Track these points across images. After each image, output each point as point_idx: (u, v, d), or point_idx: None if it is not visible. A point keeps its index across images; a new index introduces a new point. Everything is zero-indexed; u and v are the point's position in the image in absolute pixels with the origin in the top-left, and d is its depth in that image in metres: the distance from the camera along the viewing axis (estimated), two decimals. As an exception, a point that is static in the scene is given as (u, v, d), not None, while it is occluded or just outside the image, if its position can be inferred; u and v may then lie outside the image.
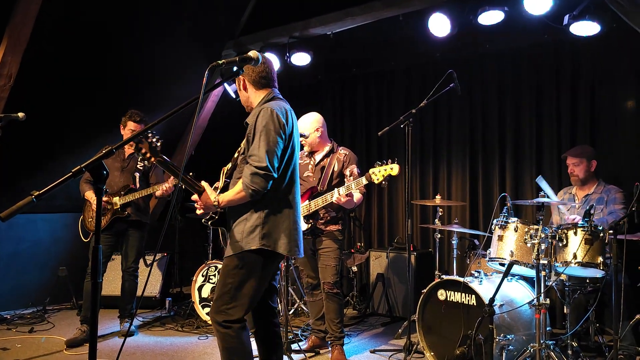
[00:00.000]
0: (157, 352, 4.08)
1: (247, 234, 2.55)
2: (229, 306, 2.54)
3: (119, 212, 4.37)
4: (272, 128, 2.51)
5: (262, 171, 2.47)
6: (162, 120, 1.88)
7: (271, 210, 2.57)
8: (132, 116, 4.37)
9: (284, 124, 2.56)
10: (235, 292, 2.55)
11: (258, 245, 2.53)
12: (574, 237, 3.32)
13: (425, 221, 5.62)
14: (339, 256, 3.89)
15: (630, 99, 4.56)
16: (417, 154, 5.72)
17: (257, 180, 2.47)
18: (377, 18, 4.80)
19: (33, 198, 1.51)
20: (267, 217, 2.56)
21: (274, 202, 2.59)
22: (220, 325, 2.56)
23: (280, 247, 2.57)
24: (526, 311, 3.53)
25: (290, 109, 2.69)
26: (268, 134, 2.50)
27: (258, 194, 2.50)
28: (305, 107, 4.30)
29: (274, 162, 2.50)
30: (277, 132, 2.52)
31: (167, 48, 5.33)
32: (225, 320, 2.54)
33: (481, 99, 5.34)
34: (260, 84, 2.70)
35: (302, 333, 4.48)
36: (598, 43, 4.52)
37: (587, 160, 4.10)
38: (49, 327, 4.73)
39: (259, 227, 2.55)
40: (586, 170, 4.10)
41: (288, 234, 2.59)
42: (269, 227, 2.56)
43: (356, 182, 3.62)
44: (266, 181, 2.49)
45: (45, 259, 5.59)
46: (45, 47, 4.51)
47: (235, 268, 2.57)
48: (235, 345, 2.55)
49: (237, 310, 2.54)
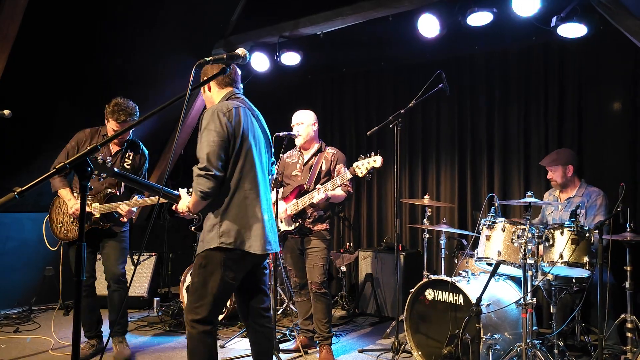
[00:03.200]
0: (144, 352, 4.05)
1: (207, 232, 2.59)
2: (196, 305, 2.57)
3: (98, 222, 3.79)
4: (213, 128, 2.52)
5: (204, 172, 2.49)
6: (146, 118, 1.88)
7: (228, 208, 2.57)
8: (115, 114, 3.72)
9: (227, 122, 2.54)
10: (201, 291, 2.57)
11: (217, 244, 2.54)
12: (561, 237, 3.34)
13: (414, 221, 5.64)
14: (327, 256, 3.89)
15: (617, 101, 4.60)
16: (406, 154, 5.74)
17: (201, 182, 2.49)
18: (366, 18, 4.81)
19: (15, 194, 1.49)
20: (224, 215, 2.57)
21: (230, 200, 2.58)
22: (189, 325, 2.59)
23: (240, 244, 2.56)
24: (513, 311, 3.55)
25: (241, 106, 2.66)
26: (209, 135, 2.51)
27: (207, 195, 2.52)
28: (295, 106, 4.29)
29: (216, 162, 2.50)
30: (218, 131, 2.52)
31: (156, 47, 5.30)
32: (192, 319, 2.57)
33: (470, 99, 5.37)
34: (223, 82, 2.72)
35: (291, 333, 4.48)
36: (585, 45, 4.56)
37: (563, 166, 4.13)
38: (35, 327, 4.68)
39: (216, 225, 2.56)
40: (563, 175, 4.14)
41: (248, 230, 2.58)
42: (227, 224, 2.56)
43: (341, 177, 3.63)
44: (210, 181, 2.49)
45: (31, 258, 5.53)
46: (32, 44, 4.46)
47: (200, 267, 2.60)
48: (196, 347, 2.57)
49: (203, 309, 2.56)
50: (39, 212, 5.55)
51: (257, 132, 2.75)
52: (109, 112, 3.76)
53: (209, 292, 2.56)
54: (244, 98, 2.78)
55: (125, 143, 3.94)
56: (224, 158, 2.55)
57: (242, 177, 2.61)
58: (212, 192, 2.52)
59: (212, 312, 2.59)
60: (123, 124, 3.73)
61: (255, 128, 2.74)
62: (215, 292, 2.57)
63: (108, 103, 3.78)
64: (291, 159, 4.08)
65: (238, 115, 2.61)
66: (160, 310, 5.16)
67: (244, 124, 2.62)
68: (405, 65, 5.75)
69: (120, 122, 3.73)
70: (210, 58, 2.12)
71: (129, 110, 3.75)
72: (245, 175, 2.62)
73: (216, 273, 2.57)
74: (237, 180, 2.60)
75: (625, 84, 4.54)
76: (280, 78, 6.05)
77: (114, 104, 3.74)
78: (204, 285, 2.57)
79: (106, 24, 4.80)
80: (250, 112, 2.74)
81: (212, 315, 2.60)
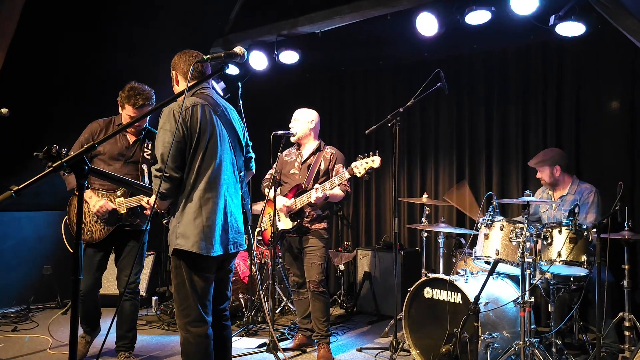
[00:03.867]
0: (142, 351, 4.05)
1: (170, 234, 2.59)
2: (183, 307, 2.57)
3: (126, 219, 3.50)
4: (168, 127, 2.48)
5: (159, 172, 2.48)
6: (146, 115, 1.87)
7: (185, 209, 2.54)
8: (132, 99, 3.41)
9: (182, 122, 2.48)
10: (182, 291, 2.56)
11: (175, 246, 2.54)
12: (559, 236, 3.34)
13: (413, 220, 5.64)
14: (325, 255, 3.89)
15: (615, 100, 4.61)
16: (404, 153, 5.74)
17: (157, 182, 2.48)
18: (365, 17, 4.80)
19: (12, 193, 1.49)
20: (181, 217, 2.54)
21: (186, 201, 2.55)
22: (181, 329, 2.57)
23: (192, 246, 2.51)
24: (511, 309, 3.55)
25: (200, 104, 2.56)
26: (164, 135, 2.48)
27: (164, 196, 2.51)
28: (294, 105, 4.29)
29: (171, 163, 2.47)
30: (172, 131, 2.47)
31: (155, 46, 5.29)
32: (186, 322, 2.55)
33: (468, 98, 5.37)
34: (192, 77, 2.64)
35: (289, 331, 4.48)
36: (583, 44, 4.57)
37: (550, 166, 4.15)
38: (33, 326, 4.67)
39: (175, 227, 2.56)
40: (550, 175, 4.16)
41: (200, 231, 2.51)
42: (183, 227, 2.53)
43: (339, 176, 3.63)
44: (166, 182, 2.48)
45: (29, 257, 5.52)
46: (30, 43, 4.45)
47: (175, 268, 2.60)
48: (193, 352, 2.55)
49: (191, 309, 2.55)
50: (36, 211, 5.57)
51: (220, 129, 2.64)
52: (124, 97, 3.46)
53: (189, 291, 2.55)
54: (211, 93, 2.71)
55: (142, 132, 3.66)
56: (180, 159, 2.51)
57: (199, 176, 2.55)
58: (169, 193, 2.51)
59: (202, 308, 2.57)
60: (141, 109, 3.44)
61: (219, 125, 2.63)
62: (196, 288, 2.56)
63: (122, 89, 3.49)
64: (289, 157, 4.08)
65: (196, 113, 2.52)
66: (158, 309, 5.16)
67: (201, 123, 2.53)
68: (403, 64, 5.75)
69: (137, 107, 3.43)
70: (209, 56, 2.12)
71: (145, 94, 3.47)
72: (201, 175, 2.55)
73: (187, 273, 2.55)
74: (193, 180, 2.54)
75: (624, 83, 4.54)
76: (279, 77, 6.04)
77: (129, 88, 3.46)
78: (183, 285, 2.56)
79: (105, 22, 4.79)
80: (212, 107, 2.63)
81: (202, 313, 2.57)
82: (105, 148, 3.54)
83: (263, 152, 3.78)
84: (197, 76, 2.65)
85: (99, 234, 3.53)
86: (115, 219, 3.51)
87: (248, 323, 4.66)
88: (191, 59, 2.63)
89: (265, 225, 4.04)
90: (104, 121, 3.66)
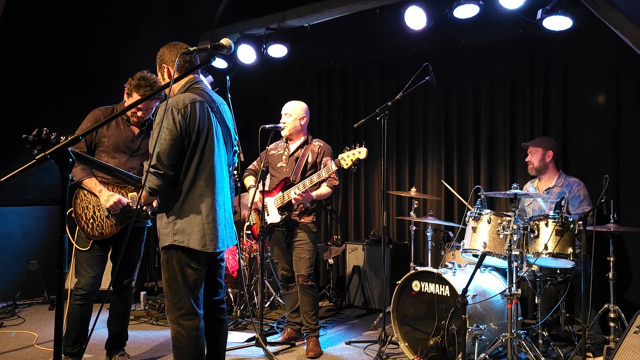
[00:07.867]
0: (130, 346, 4.02)
1: (162, 229, 2.59)
2: (175, 300, 2.57)
3: (142, 214, 3.30)
4: (166, 125, 2.48)
5: (153, 169, 2.47)
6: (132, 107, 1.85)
7: (182, 206, 2.55)
8: (142, 89, 3.28)
9: (181, 120, 2.48)
10: (174, 285, 2.57)
11: (171, 242, 2.54)
12: (545, 229, 3.37)
13: (401, 213, 5.66)
14: (313, 249, 3.89)
15: (600, 94, 4.64)
16: (393, 146, 5.74)
17: (150, 179, 2.48)
18: (353, 10, 4.79)
19: (-6, 185, 1.47)
20: (179, 213, 2.55)
21: (185, 198, 2.55)
22: (173, 323, 2.58)
23: (193, 242, 2.54)
24: (498, 301, 3.58)
25: (198, 100, 2.56)
26: (161, 132, 2.48)
27: (154, 192, 2.51)
28: (283, 98, 4.28)
29: (167, 161, 2.48)
30: (170, 129, 2.47)
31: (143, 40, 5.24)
32: (177, 315, 2.56)
33: (456, 91, 5.39)
34: (180, 68, 2.61)
35: (278, 325, 4.48)
36: (570, 38, 4.60)
37: (543, 150, 4.20)
38: (20, 322, 4.63)
39: (171, 223, 2.56)
40: (541, 159, 4.21)
41: (201, 228, 2.55)
42: (181, 223, 2.54)
43: (326, 169, 3.63)
44: (159, 179, 2.48)
45: (15, 252, 5.46)
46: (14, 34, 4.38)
47: (166, 262, 2.61)
48: (185, 346, 2.55)
49: (184, 302, 2.56)
50: (22, 206, 5.50)
51: (216, 126, 2.66)
52: (133, 85, 3.32)
53: (181, 284, 2.56)
54: (204, 87, 2.70)
55: (146, 123, 3.52)
56: (176, 157, 2.51)
57: (198, 174, 2.56)
58: (159, 190, 2.51)
59: (194, 301, 2.58)
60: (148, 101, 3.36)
61: (214, 122, 2.64)
62: (188, 281, 2.57)
63: (132, 77, 3.37)
64: (276, 151, 4.06)
65: (194, 111, 2.53)
66: (147, 304, 5.13)
67: (199, 121, 2.54)
68: (392, 58, 5.75)
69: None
70: (195, 48, 2.11)
71: (150, 78, 3.34)
72: (200, 172, 2.57)
73: (180, 268, 2.57)
74: (192, 177, 2.56)
75: (609, 77, 4.57)
76: (268, 70, 6.01)
77: (140, 77, 3.33)
78: (175, 278, 2.57)
79: (91, 14, 4.73)
80: (209, 104, 2.63)
81: (194, 305, 2.58)
82: (109, 139, 3.36)
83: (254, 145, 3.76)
84: (187, 67, 2.63)
85: (109, 230, 3.34)
86: (126, 215, 3.34)
87: (237, 317, 4.65)
88: (181, 51, 2.61)
89: (253, 220, 4.03)
90: (106, 109, 3.50)
